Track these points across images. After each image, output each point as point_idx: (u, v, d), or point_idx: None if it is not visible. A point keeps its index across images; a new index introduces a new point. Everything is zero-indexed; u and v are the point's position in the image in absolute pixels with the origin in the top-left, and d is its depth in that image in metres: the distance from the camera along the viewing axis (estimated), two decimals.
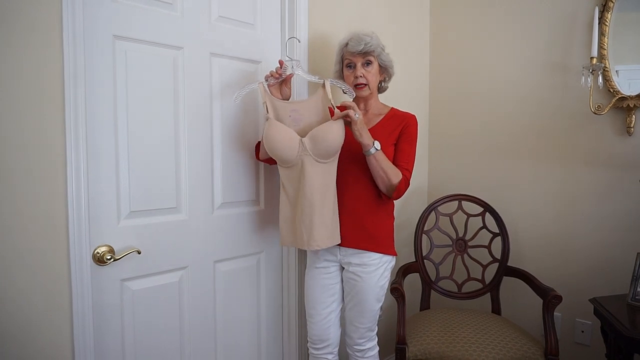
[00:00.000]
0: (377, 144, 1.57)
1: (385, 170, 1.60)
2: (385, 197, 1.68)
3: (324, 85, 1.61)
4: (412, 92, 2.55)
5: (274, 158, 1.61)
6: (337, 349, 1.80)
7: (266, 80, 1.63)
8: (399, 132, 1.69)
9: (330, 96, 1.58)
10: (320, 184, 1.57)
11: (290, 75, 1.65)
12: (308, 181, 1.56)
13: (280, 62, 1.62)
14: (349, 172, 1.66)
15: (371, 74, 1.69)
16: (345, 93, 1.66)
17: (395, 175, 1.62)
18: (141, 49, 1.50)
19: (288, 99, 1.69)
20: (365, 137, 1.55)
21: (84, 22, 1.33)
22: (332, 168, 1.60)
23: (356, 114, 1.52)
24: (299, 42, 1.86)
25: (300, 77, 1.76)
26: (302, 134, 1.57)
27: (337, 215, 1.64)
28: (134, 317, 1.53)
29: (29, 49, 1.24)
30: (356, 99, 1.74)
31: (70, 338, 1.35)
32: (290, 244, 1.65)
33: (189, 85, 1.62)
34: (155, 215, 1.57)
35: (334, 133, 1.54)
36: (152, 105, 1.54)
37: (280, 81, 1.65)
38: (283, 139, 1.55)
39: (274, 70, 1.62)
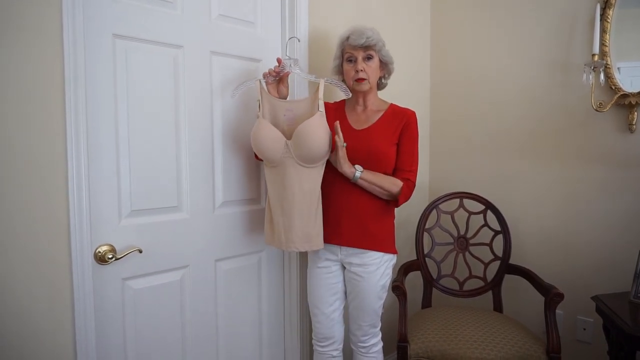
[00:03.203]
0: (359, 167, 1.59)
1: (380, 185, 1.62)
2: (393, 203, 1.69)
3: (319, 86, 1.60)
4: (413, 89, 2.55)
5: (259, 156, 1.63)
6: (341, 346, 1.81)
7: (264, 78, 1.63)
8: (400, 131, 1.68)
9: (321, 95, 1.57)
10: (301, 187, 1.57)
11: (287, 73, 1.65)
12: (289, 183, 1.56)
13: (279, 60, 1.62)
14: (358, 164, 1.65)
15: (372, 69, 1.68)
16: (342, 91, 1.66)
17: (392, 184, 1.63)
18: (141, 47, 1.50)
19: (285, 98, 1.69)
20: (345, 168, 1.57)
21: (84, 22, 1.33)
22: (316, 173, 1.59)
23: (344, 144, 1.54)
24: (299, 41, 1.85)
25: (303, 77, 1.75)
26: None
27: (319, 222, 1.61)
28: (135, 315, 1.53)
29: (29, 49, 1.24)
30: (355, 94, 1.74)
31: (72, 337, 1.35)
32: (270, 243, 1.67)
33: (189, 84, 1.62)
34: (157, 214, 1.57)
35: (316, 134, 1.52)
36: (153, 104, 1.54)
37: (278, 79, 1.65)
38: (268, 139, 1.55)
39: (272, 69, 1.62)
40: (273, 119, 1.62)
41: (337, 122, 1.56)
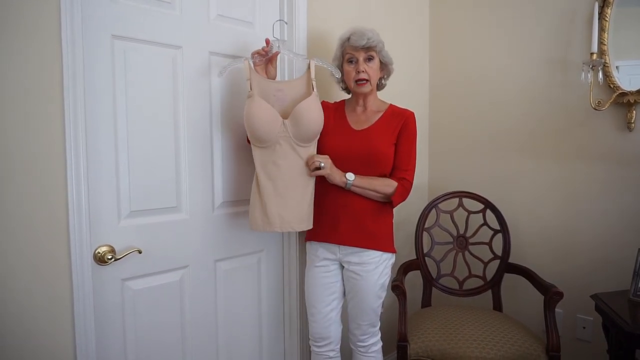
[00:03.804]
0: (350, 176, 1.61)
1: (374, 188, 1.64)
2: (389, 204, 1.70)
3: (309, 67, 1.63)
4: (412, 88, 2.55)
5: (250, 136, 1.60)
6: (338, 346, 1.81)
7: (252, 58, 1.62)
8: (398, 131, 1.69)
9: (313, 76, 1.61)
10: (296, 166, 1.59)
11: (276, 54, 1.66)
12: (283, 163, 1.58)
13: (267, 41, 1.62)
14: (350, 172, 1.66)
15: (373, 70, 1.68)
16: (332, 74, 1.71)
17: (386, 186, 1.65)
18: (140, 48, 1.50)
19: (274, 79, 1.69)
20: (337, 178, 1.61)
21: (82, 23, 1.33)
22: (310, 153, 1.62)
23: (321, 163, 1.57)
24: (287, 24, 1.86)
25: (300, 62, 1.77)
26: (285, 114, 1.59)
27: (311, 202, 1.64)
28: (135, 316, 1.53)
29: (28, 51, 1.24)
30: (356, 96, 1.74)
31: (72, 338, 1.35)
32: (261, 228, 1.61)
33: (188, 85, 1.62)
34: (156, 215, 1.57)
35: (314, 113, 1.57)
36: (152, 105, 1.54)
37: (266, 60, 1.65)
38: (263, 117, 1.54)
39: (260, 49, 1.62)
40: (263, 99, 1.61)
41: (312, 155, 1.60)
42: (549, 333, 1.78)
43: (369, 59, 1.67)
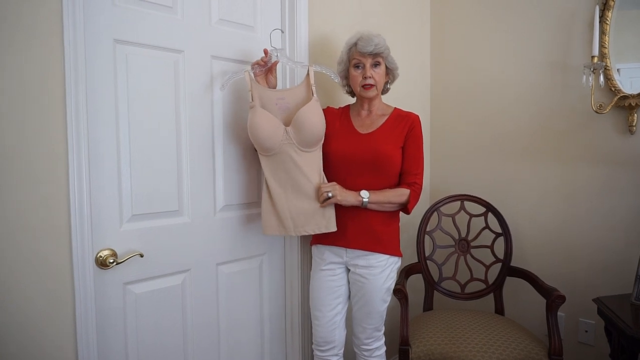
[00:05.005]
0: (365, 193, 1.62)
1: (389, 200, 1.66)
2: (404, 211, 1.73)
3: (308, 73, 1.64)
4: (414, 92, 2.55)
5: (256, 146, 1.64)
6: (342, 351, 1.81)
7: (252, 69, 1.64)
8: (405, 134, 1.70)
9: (312, 81, 1.63)
10: (303, 171, 1.60)
11: (276, 63, 1.67)
12: (291, 169, 1.60)
13: (265, 51, 1.63)
14: (357, 177, 1.67)
15: (379, 75, 1.70)
16: (330, 76, 1.71)
17: (400, 195, 1.67)
18: (142, 52, 1.51)
19: (275, 88, 1.71)
20: (352, 199, 1.61)
21: (84, 27, 1.33)
22: (316, 157, 1.63)
23: (329, 194, 1.58)
24: (283, 32, 1.87)
25: (301, 70, 1.78)
26: (289, 121, 1.61)
27: (329, 207, 1.63)
28: (137, 320, 1.53)
29: (30, 55, 1.25)
30: (361, 100, 1.75)
31: (73, 341, 1.35)
32: (273, 232, 1.65)
33: (190, 89, 1.63)
34: (158, 219, 1.57)
35: (314, 118, 1.59)
36: (154, 109, 1.54)
37: (266, 70, 1.67)
38: (266, 127, 1.57)
39: (259, 59, 1.64)
40: (265, 109, 1.63)
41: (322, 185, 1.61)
42: (551, 337, 1.77)
43: (376, 64, 1.68)
